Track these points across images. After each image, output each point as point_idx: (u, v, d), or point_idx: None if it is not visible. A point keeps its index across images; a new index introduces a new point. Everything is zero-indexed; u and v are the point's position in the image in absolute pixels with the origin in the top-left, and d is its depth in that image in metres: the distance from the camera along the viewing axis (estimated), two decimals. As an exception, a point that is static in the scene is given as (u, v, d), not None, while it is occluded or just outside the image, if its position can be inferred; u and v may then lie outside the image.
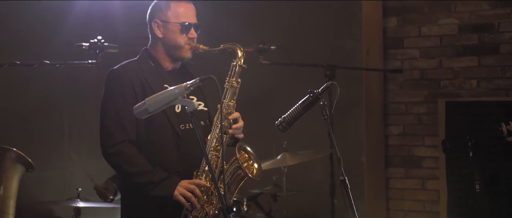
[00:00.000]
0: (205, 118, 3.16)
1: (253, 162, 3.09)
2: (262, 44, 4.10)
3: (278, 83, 5.19)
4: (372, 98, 5.14)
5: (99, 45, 3.90)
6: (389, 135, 5.15)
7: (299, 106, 2.92)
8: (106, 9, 5.52)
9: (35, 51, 4.85)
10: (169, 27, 3.11)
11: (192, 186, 2.93)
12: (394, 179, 5.14)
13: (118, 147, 2.97)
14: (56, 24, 5.20)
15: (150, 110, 2.45)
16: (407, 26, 5.06)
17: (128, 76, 3.05)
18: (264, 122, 3.62)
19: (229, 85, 3.07)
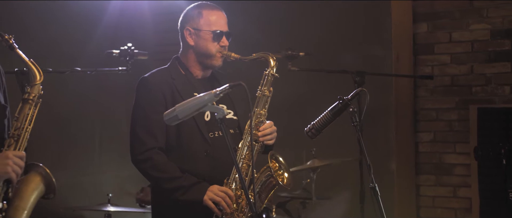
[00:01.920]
0: (235, 126, 3.17)
1: (283, 171, 3.08)
2: (291, 51, 4.09)
3: (307, 90, 5.17)
4: (402, 104, 5.10)
5: (129, 52, 3.94)
6: (419, 142, 5.09)
7: (328, 112, 2.91)
8: (136, 16, 5.58)
9: (66, 58, 4.92)
10: (201, 35, 3.13)
11: (222, 193, 2.94)
12: (425, 186, 5.08)
13: (148, 154, 2.99)
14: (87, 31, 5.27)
15: (180, 116, 2.46)
16: (438, 32, 5.01)
17: (159, 83, 3.07)
18: (293, 128, 3.61)
19: (261, 93, 3.07)
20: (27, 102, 2.46)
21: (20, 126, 2.42)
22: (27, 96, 2.47)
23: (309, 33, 5.30)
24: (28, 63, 2.49)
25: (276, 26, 5.38)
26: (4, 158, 2.32)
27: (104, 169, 5.51)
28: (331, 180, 4.93)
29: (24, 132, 2.43)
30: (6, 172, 2.31)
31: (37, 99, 2.48)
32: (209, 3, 3.24)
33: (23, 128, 2.43)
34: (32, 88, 2.48)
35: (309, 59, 4.27)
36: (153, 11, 5.66)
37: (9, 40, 2.45)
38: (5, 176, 2.31)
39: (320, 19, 5.33)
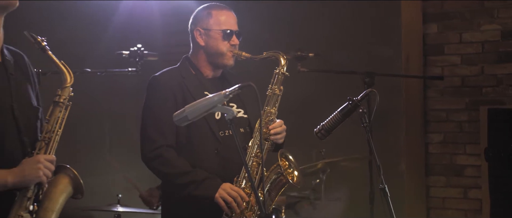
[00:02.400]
0: (245, 125, 3.18)
1: (293, 169, 3.09)
2: (300, 52, 4.08)
3: (317, 91, 5.16)
4: (412, 105, 5.08)
5: (139, 53, 3.96)
6: (429, 143, 5.07)
7: (338, 113, 2.91)
8: (145, 17, 5.59)
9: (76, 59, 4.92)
10: (211, 34, 3.14)
11: (234, 193, 2.94)
12: (435, 187, 5.06)
13: (158, 151, 3.00)
14: (97, 32, 5.29)
15: (190, 117, 2.46)
16: (448, 33, 4.99)
17: (169, 82, 3.09)
18: (302, 129, 3.60)
19: (272, 92, 3.09)
20: (58, 105, 2.49)
21: (50, 129, 2.45)
22: (58, 99, 2.49)
23: (318, 33, 5.29)
24: (59, 65, 2.52)
25: (285, 27, 5.38)
26: (36, 162, 2.35)
27: (113, 169, 5.52)
28: (341, 181, 4.92)
29: (55, 135, 2.45)
30: (37, 176, 2.34)
31: (67, 102, 2.51)
32: (219, 3, 3.25)
33: (54, 131, 2.45)
34: (63, 91, 2.50)
35: (319, 60, 4.26)
36: (163, 12, 5.67)
37: (41, 42, 2.48)
38: (36, 180, 2.35)
39: (329, 20, 5.32)
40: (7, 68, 2.44)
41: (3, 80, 2.41)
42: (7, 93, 2.40)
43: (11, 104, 2.39)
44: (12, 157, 2.37)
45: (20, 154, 2.39)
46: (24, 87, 2.51)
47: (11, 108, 2.39)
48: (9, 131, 2.38)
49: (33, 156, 2.38)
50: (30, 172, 2.34)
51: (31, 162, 2.36)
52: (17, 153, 2.39)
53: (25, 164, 2.35)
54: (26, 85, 2.52)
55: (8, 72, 2.43)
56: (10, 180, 2.32)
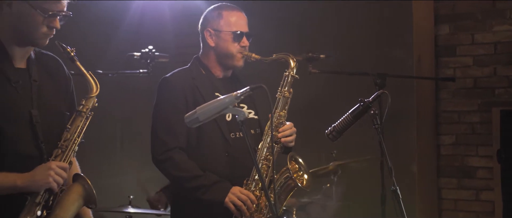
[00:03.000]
0: (256, 126, 3.17)
1: (303, 173, 3.08)
2: (311, 53, 4.06)
3: (328, 92, 5.15)
4: (423, 107, 5.06)
5: (150, 54, 3.96)
6: (441, 145, 5.05)
7: (349, 115, 2.90)
8: (156, 19, 5.60)
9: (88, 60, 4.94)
10: (221, 35, 3.14)
11: (244, 196, 2.94)
12: (447, 189, 5.03)
13: (169, 154, 3.00)
14: (108, 34, 5.30)
15: (201, 119, 2.46)
16: (460, 34, 4.96)
17: (180, 83, 3.08)
18: (313, 131, 3.60)
19: (281, 95, 3.08)
20: (80, 114, 2.51)
21: (69, 138, 2.47)
22: (81, 108, 2.51)
23: (329, 34, 5.28)
24: (87, 75, 2.55)
25: (295, 28, 5.37)
26: (47, 169, 2.36)
27: (125, 171, 5.54)
28: (352, 183, 4.91)
29: (72, 144, 2.47)
30: (47, 182, 2.35)
31: (89, 112, 2.53)
32: (229, 4, 3.25)
33: (72, 140, 2.47)
34: (87, 100, 2.53)
35: (330, 61, 4.25)
36: (174, 14, 5.68)
37: (70, 52, 2.51)
38: (46, 186, 2.36)
39: (340, 21, 5.31)
40: (31, 74, 2.46)
41: (25, 86, 2.42)
42: (27, 99, 2.41)
43: (30, 110, 2.40)
44: (27, 163, 2.38)
45: (36, 160, 2.41)
46: (52, 92, 2.52)
47: (29, 114, 2.40)
48: (25, 137, 2.39)
49: (47, 163, 2.40)
50: (41, 177, 2.35)
51: (43, 167, 2.37)
52: (33, 159, 2.40)
53: (37, 169, 2.37)
54: (54, 91, 2.54)
55: (32, 78, 2.45)
56: (20, 183, 2.33)
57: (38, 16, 2.38)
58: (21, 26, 2.39)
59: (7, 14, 2.38)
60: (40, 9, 2.37)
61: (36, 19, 2.38)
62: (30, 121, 2.40)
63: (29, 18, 2.38)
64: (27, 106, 2.41)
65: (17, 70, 2.44)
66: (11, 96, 2.39)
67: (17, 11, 2.38)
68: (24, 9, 2.37)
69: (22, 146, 2.39)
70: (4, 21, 2.40)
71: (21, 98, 2.41)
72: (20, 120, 2.39)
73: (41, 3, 2.38)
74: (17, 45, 2.44)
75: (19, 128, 2.39)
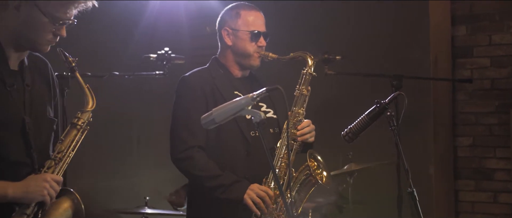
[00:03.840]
0: (274, 125, 3.18)
1: (322, 170, 3.09)
2: (327, 54, 4.06)
3: (344, 93, 5.14)
4: (440, 108, 5.03)
5: (166, 56, 3.97)
6: (458, 147, 5.02)
7: (365, 116, 2.89)
8: (172, 21, 5.62)
9: (105, 62, 4.98)
10: (238, 35, 3.15)
11: (262, 193, 2.94)
12: (464, 191, 5.00)
13: (188, 153, 3.01)
14: (124, 36, 5.33)
15: (217, 120, 2.46)
16: (477, 35, 4.93)
17: (199, 82, 3.10)
18: (330, 132, 3.59)
19: (299, 92, 3.09)
20: (75, 127, 2.45)
21: (63, 150, 2.41)
22: (76, 121, 2.45)
23: (345, 35, 5.27)
24: (85, 88, 2.49)
25: (311, 29, 5.36)
26: (43, 181, 2.30)
27: (141, 172, 5.56)
28: (368, 185, 4.89)
29: (66, 157, 2.41)
30: (41, 195, 2.29)
31: (85, 126, 2.47)
32: (247, 3, 3.26)
33: (66, 153, 2.41)
34: (83, 114, 2.47)
35: (346, 62, 4.25)
36: (190, 16, 5.70)
37: (72, 62, 2.47)
38: (39, 198, 2.29)
39: (356, 22, 5.30)
40: (24, 79, 2.40)
41: (18, 92, 2.36)
42: (20, 106, 2.35)
43: (23, 117, 2.34)
44: (18, 170, 2.32)
45: (26, 169, 2.34)
46: (41, 97, 2.46)
47: (22, 121, 2.34)
48: (17, 144, 2.33)
49: (41, 174, 2.33)
50: (35, 189, 2.28)
51: (37, 179, 2.30)
52: (24, 167, 2.34)
53: (31, 180, 2.30)
54: (43, 95, 2.48)
55: (25, 82, 2.39)
56: (11, 193, 2.25)
57: (47, 23, 2.32)
58: (27, 30, 2.33)
59: (12, 16, 2.31)
60: (51, 17, 2.32)
61: (44, 26, 2.32)
62: (22, 128, 2.33)
63: (37, 24, 2.32)
64: (20, 112, 2.34)
65: (12, 72, 2.36)
66: (5, 100, 2.32)
67: (26, 15, 2.31)
68: (34, 14, 2.30)
69: (14, 153, 2.32)
70: (7, 22, 2.33)
71: (14, 103, 2.34)
72: (12, 126, 2.32)
73: (53, 11, 2.32)
74: (16, 48, 2.37)
75: (11, 135, 2.31)
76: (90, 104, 2.49)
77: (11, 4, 2.31)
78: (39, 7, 2.30)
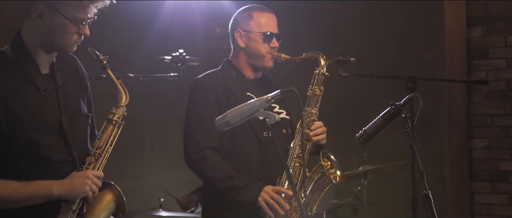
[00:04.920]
0: (287, 126, 3.19)
1: (336, 169, 3.09)
2: (342, 56, 4.05)
3: (359, 95, 5.13)
4: (455, 110, 5.00)
5: (181, 58, 3.99)
6: (473, 148, 4.99)
7: (380, 118, 2.89)
8: (186, 23, 5.64)
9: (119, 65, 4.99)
10: (251, 36, 3.16)
11: (276, 195, 2.94)
12: (479, 194, 4.97)
13: (202, 154, 3.02)
14: (139, 39, 5.35)
15: (231, 122, 2.47)
16: (493, 36, 4.90)
17: (212, 84, 3.11)
18: (344, 134, 3.59)
19: (312, 92, 3.10)
20: (111, 123, 2.52)
21: (101, 146, 2.49)
22: (112, 117, 2.53)
23: (360, 38, 5.25)
24: (117, 84, 2.57)
25: (325, 30, 5.35)
26: (85, 177, 2.39)
27: (155, 174, 5.58)
28: (383, 187, 4.87)
29: (105, 152, 2.49)
30: (84, 191, 2.38)
31: (120, 121, 2.54)
32: (259, 5, 3.26)
33: (105, 149, 2.49)
34: (117, 109, 2.54)
35: (360, 64, 4.24)
36: (204, 17, 5.71)
37: (103, 60, 2.54)
38: (83, 194, 2.38)
39: (371, 23, 5.28)
40: (56, 81, 2.47)
41: (52, 94, 2.44)
42: (55, 108, 2.43)
43: (60, 119, 2.42)
44: (61, 171, 2.40)
45: (69, 167, 2.43)
46: (74, 95, 2.54)
47: (59, 123, 2.41)
48: (57, 145, 2.41)
49: (83, 171, 2.42)
50: (78, 186, 2.37)
51: (80, 176, 2.39)
52: (66, 166, 2.42)
53: (74, 178, 2.39)
54: (76, 93, 2.55)
55: (57, 85, 2.46)
56: (56, 191, 2.34)
57: (71, 26, 2.38)
58: (52, 35, 2.39)
59: (37, 23, 2.38)
60: (73, 19, 2.38)
61: (68, 29, 2.38)
62: (60, 129, 2.41)
63: (61, 28, 2.38)
64: (56, 114, 2.42)
65: (43, 77, 2.44)
66: (41, 105, 2.40)
67: (49, 21, 2.37)
68: (57, 19, 2.37)
69: (55, 153, 2.40)
70: (33, 30, 2.40)
71: (50, 106, 2.42)
72: (51, 129, 2.40)
73: (73, 12, 2.38)
74: (46, 52, 2.44)
75: (51, 137, 2.39)
76: (124, 99, 2.57)
77: (33, 13, 2.37)
78: (61, 12, 2.36)
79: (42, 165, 2.37)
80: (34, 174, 2.35)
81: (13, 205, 2.32)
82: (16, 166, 2.35)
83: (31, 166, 2.36)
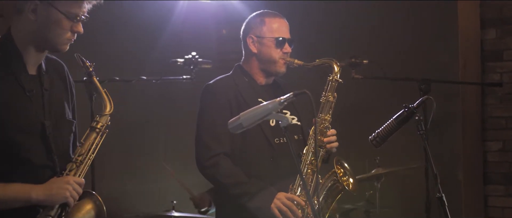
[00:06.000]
0: (299, 132, 3.18)
1: (349, 177, 3.08)
2: (355, 58, 4.05)
3: (372, 97, 5.11)
4: (469, 112, 4.97)
5: (193, 61, 3.99)
6: (488, 151, 4.95)
7: (393, 121, 2.87)
8: (198, 26, 5.65)
9: (132, 67, 5.02)
10: (264, 42, 3.16)
11: (289, 202, 2.94)
12: (493, 197, 4.94)
13: (214, 160, 3.02)
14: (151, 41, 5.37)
15: (244, 125, 2.46)
16: (507, 38, 4.86)
17: (223, 90, 3.11)
18: (357, 137, 3.57)
19: (325, 99, 3.09)
20: (94, 131, 2.48)
21: (83, 153, 2.44)
22: (95, 125, 2.49)
23: (373, 40, 5.24)
24: (102, 93, 2.53)
25: (339, 34, 5.34)
26: (65, 183, 2.34)
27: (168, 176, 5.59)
28: (396, 190, 4.85)
29: (87, 160, 2.44)
30: (64, 197, 2.33)
31: (104, 129, 2.50)
32: (271, 11, 3.26)
33: (86, 156, 2.45)
34: (101, 118, 2.51)
35: (373, 66, 4.22)
36: (216, 20, 5.72)
37: (89, 67, 2.50)
38: (62, 200, 2.33)
39: (384, 25, 5.26)
40: (43, 83, 2.43)
41: (37, 96, 2.39)
42: (39, 110, 2.39)
43: (43, 122, 2.38)
44: (41, 175, 2.36)
45: (49, 172, 2.38)
46: (60, 100, 2.50)
47: (42, 126, 2.37)
48: (38, 148, 2.36)
49: (63, 177, 2.37)
50: (58, 191, 2.32)
51: (60, 182, 2.35)
52: (47, 171, 2.38)
53: (54, 183, 2.34)
54: (61, 97, 2.51)
55: (43, 87, 2.42)
56: (35, 195, 2.29)
57: (66, 21, 2.35)
58: (45, 31, 2.35)
59: (29, 19, 2.34)
60: (68, 14, 2.34)
61: (62, 25, 2.35)
62: (42, 133, 2.37)
63: (54, 23, 2.34)
64: (39, 117, 2.38)
65: (30, 77, 2.40)
66: (25, 106, 2.35)
67: (43, 16, 2.33)
68: (52, 15, 2.33)
69: (36, 157, 2.35)
70: (25, 27, 2.36)
71: (34, 108, 2.37)
72: (33, 131, 2.36)
73: (68, 8, 2.34)
74: (36, 51, 2.40)
75: (32, 140, 2.35)
76: (108, 108, 2.53)
77: (27, 8, 2.34)
78: (55, 7, 2.33)
79: (21, 168, 2.32)
80: (13, 177, 2.30)
81: None
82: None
83: (10, 168, 2.31)
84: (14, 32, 2.38)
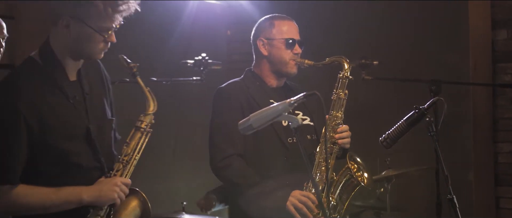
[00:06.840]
0: (312, 132, 3.20)
1: (363, 171, 3.10)
2: (365, 59, 4.03)
3: (382, 99, 5.10)
4: (480, 114, 4.95)
5: (203, 62, 4.00)
6: (499, 153, 4.93)
7: (404, 122, 2.87)
8: (208, 27, 5.66)
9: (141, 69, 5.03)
10: (274, 44, 3.18)
11: (304, 198, 2.95)
12: (505, 199, 4.91)
13: (228, 161, 3.05)
14: (161, 43, 5.38)
15: (254, 126, 2.47)
16: (518, 39, 4.85)
17: (235, 92, 3.14)
18: (367, 138, 3.57)
19: (337, 96, 3.11)
20: (139, 130, 2.57)
21: (129, 153, 2.53)
22: (140, 124, 2.58)
23: (383, 41, 5.23)
24: (146, 92, 2.62)
25: (349, 35, 5.34)
26: (113, 185, 2.44)
27: (178, 177, 5.60)
28: (406, 191, 4.83)
29: (132, 160, 2.53)
30: (113, 198, 2.43)
31: (148, 128, 2.59)
32: (280, 14, 3.30)
33: (132, 156, 2.53)
34: (145, 117, 2.60)
35: (383, 67, 4.21)
36: (226, 21, 5.73)
37: (133, 68, 2.59)
38: (111, 201, 2.43)
39: (394, 26, 5.25)
40: (83, 88, 2.51)
41: (80, 102, 2.47)
42: (83, 115, 2.47)
43: (88, 126, 2.46)
44: (90, 177, 2.46)
45: (98, 173, 2.48)
46: (100, 101, 2.58)
47: (87, 130, 2.46)
48: (86, 152, 2.45)
49: (111, 178, 2.47)
50: (107, 193, 2.42)
51: (109, 183, 2.44)
52: (95, 172, 2.48)
53: (103, 184, 2.44)
54: (101, 97, 2.59)
55: (84, 91, 2.50)
56: (86, 197, 2.39)
57: (98, 36, 2.41)
58: (79, 45, 2.42)
59: (64, 34, 2.41)
60: (99, 29, 2.40)
61: (94, 38, 2.41)
62: (88, 136, 2.45)
63: (87, 38, 2.40)
64: (84, 121, 2.46)
65: (71, 84, 2.48)
66: (70, 113, 2.44)
67: (76, 31, 2.39)
68: (84, 31, 2.39)
69: (85, 160, 2.44)
70: (60, 39, 2.43)
71: (78, 114, 2.46)
72: (80, 136, 2.45)
73: (99, 22, 2.39)
74: (72, 59, 2.47)
75: (80, 144, 2.44)
76: (152, 107, 2.63)
77: (60, 23, 2.40)
78: (86, 23, 2.38)
79: (72, 172, 2.42)
80: (65, 180, 2.39)
81: (44, 211, 2.37)
82: (47, 173, 2.39)
83: (61, 173, 2.40)
84: (52, 42, 2.46)
